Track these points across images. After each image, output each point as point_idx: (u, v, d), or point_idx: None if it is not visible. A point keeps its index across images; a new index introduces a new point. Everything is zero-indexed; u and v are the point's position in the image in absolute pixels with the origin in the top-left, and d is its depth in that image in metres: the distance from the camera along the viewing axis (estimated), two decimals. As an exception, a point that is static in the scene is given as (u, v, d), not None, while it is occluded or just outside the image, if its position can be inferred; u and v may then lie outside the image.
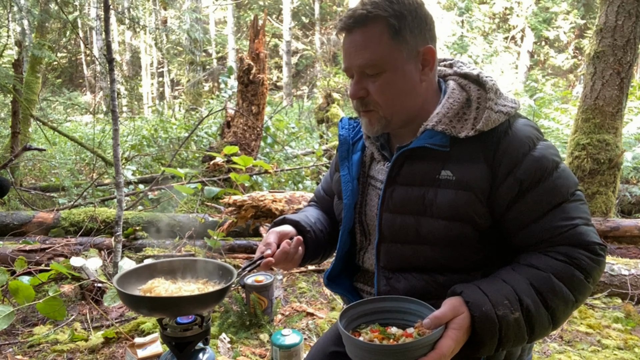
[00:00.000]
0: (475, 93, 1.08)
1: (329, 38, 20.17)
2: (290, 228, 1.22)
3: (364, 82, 1.07)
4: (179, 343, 1.08)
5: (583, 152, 4.10)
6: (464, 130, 1.03)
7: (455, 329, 0.87)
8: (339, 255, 1.24)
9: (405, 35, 1.03)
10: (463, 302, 0.91)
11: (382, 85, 1.05)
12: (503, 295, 0.91)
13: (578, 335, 2.53)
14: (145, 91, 19.20)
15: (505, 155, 1.00)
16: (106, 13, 2.92)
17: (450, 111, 1.06)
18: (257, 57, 4.86)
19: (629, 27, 3.91)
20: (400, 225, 1.08)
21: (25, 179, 6.46)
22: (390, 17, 1.02)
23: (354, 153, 1.24)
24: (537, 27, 16.22)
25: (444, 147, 1.04)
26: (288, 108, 13.35)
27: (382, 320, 0.99)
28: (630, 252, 3.59)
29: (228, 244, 3.52)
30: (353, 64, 1.06)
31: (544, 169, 1.00)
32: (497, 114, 1.02)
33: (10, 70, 5.67)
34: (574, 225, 0.98)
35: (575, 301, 0.95)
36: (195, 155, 5.72)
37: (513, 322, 0.90)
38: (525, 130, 1.04)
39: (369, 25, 1.02)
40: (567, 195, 1.00)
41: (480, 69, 1.13)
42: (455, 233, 1.03)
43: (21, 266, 2.68)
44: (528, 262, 0.99)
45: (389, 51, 1.03)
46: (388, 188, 1.10)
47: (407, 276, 1.10)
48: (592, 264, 0.96)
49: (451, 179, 1.02)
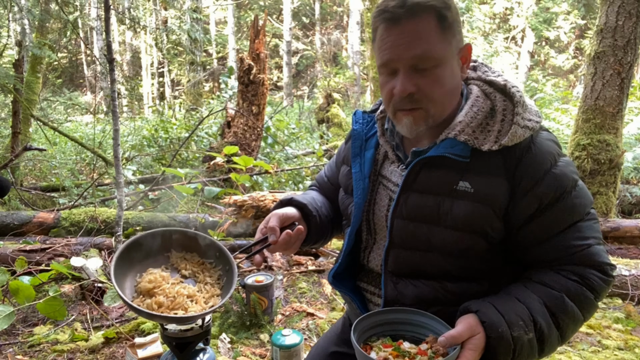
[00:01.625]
0: (500, 104, 1.03)
1: (329, 38, 20.18)
2: (294, 211, 1.20)
3: (414, 77, 0.99)
4: (179, 343, 1.08)
5: (583, 153, 4.10)
6: (487, 143, 0.99)
7: (472, 349, 0.87)
8: (344, 254, 1.21)
9: (453, 28, 1.00)
10: (479, 322, 0.90)
11: (434, 80, 0.99)
12: (518, 316, 0.91)
13: (578, 336, 2.52)
14: (146, 91, 19.20)
15: (527, 172, 0.98)
16: (107, 13, 2.92)
17: (474, 121, 1.02)
18: (257, 57, 4.86)
19: (629, 28, 3.91)
20: (412, 232, 1.06)
21: (25, 179, 6.47)
22: (442, 8, 0.97)
23: (367, 150, 1.19)
24: (537, 28, 16.21)
25: (464, 158, 1.00)
26: (288, 108, 13.35)
27: (392, 333, 0.99)
28: (630, 252, 3.59)
29: (228, 244, 3.52)
30: (403, 57, 0.98)
31: (564, 187, 0.99)
32: (523, 130, 0.99)
33: (11, 70, 5.68)
34: (588, 246, 0.98)
35: (583, 320, 0.97)
36: (195, 156, 5.72)
37: (527, 343, 0.90)
38: (547, 146, 1.01)
39: (422, 15, 0.96)
40: (583, 214, 1.00)
41: (506, 77, 1.08)
42: (467, 244, 1.01)
43: (21, 266, 2.68)
44: (541, 280, 0.98)
45: (442, 44, 0.98)
46: (403, 194, 1.06)
47: (415, 282, 1.08)
48: (602, 284, 0.97)
49: (469, 191, 1.00)
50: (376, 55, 1.05)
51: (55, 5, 6.38)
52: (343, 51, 20.61)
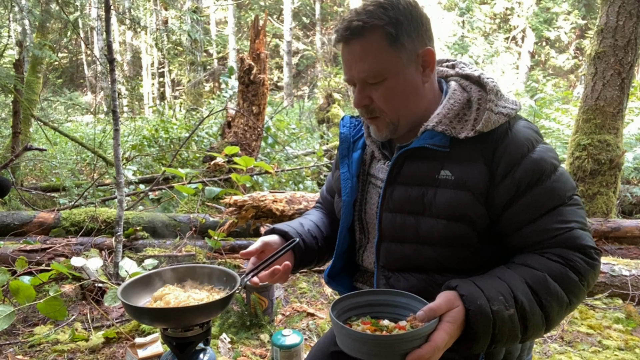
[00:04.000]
0: (476, 94, 1.09)
1: (329, 38, 20.16)
2: (276, 238, 1.20)
3: (367, 90, 1.07)
4: (179, 343, 1.08)
5: (584, 153, 4.09)
6: (464, 131, 1.04)
7: (450, 322, 0.86)
8: (338, 253, 1.24)
9: (403, 41, 1.04)
10: (458, 295, 0.90)
11: (384, 93, 1.06)
12: (498, 291, 0.91)
13: (579, 336, 2.52)
14: (146, 91, 19.21)
15: (504, 157, 1.01)
16: (107, 13, 2.92)
17: (451, 112, 1.07)
18: (257, 58, 4.86)
19: (629, 28, 3.91)
20: (400, 224, 1.09)
21: (26, 179, 6.47)
22: (387, 25, 1.02)
23: (354, 151, 1.24)
24: (537, 28, 16.20)
25: (444, 148, 1.05)
26: (289, 108, 13.35)
27: (374, 314, 0.99)
28: (631, 252, 3.59)
29: (229, 244, 3.52)
30: (354, 74, 1.07)
31: (542, 171, 1.00)
32: (497, 115, 1.03)
33: (11, 70, 5.68)
34: (570, 229, 0.98)
35: (570, 303, 0.95)
36: (196, 156, 5.72)
37: (507, 319, 0.89)
38: (524, 132, 1.04)
39: (366, 35, 1.02)
40: (564, 198, 1.01)
41: (481, 70, 1.13)
42: (454, 233, 1.03)
43: (22, 266, 2.69)
44: (523, 261, 0.99)
45: (389, 59, 1.03)
46: (388, 187, 1.11)
47: (406, 276, 1.10)
48: (587, 267, 0.97)
49: (450, 179, 1.03)
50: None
51: (55, 6, 6.38)
52: (343, 51, 20.57)
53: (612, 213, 4.13)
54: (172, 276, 1.20)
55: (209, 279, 1.21)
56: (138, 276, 1.17)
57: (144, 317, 1.06)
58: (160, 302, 1.08)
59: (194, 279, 1.22)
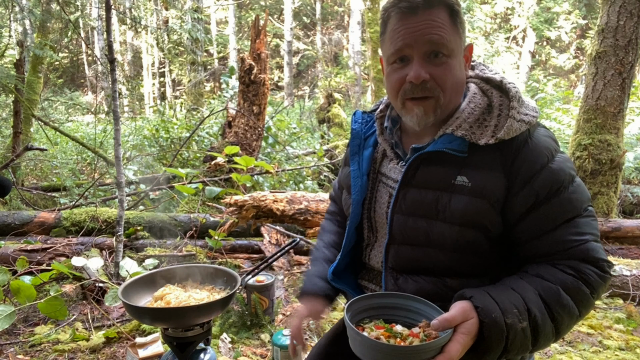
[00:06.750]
0: (497, 99, 1.06)
1: (330, 38, 20.18)
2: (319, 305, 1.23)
3: (427, 66, 1.02)
4: (180, 343, 1.08)
5: (585, 153, 4.09)
6: (484, 137, 1.01)
7: (464, 333, 0.86)
8: (345, 251, 1.22)
9: (463, 25, 1.05)
10: (472, 307, 0.90)
11: (446, 70, 1.02)
12: (512, 304, 0.91)
13: (579, 336, 2.52)
14: (147, 91, 19.21)
15: (524, 166, 0.99)
16: (108, 13, 2.92)
17: (471, 116, 1.04)
18: (258, 57, 4.86)
19: (630, 28, 3.90)
20: (411, 227, 1.07)
21: (26, 178, 6.48)
22: (454, 4, 1.02)
23: (365, 148, 1.22)
24: (538, 27, 16.19)
25: (462, 153, 1.02)
26: (289, 108, 13.34)
27: (386, 317, 0.98)
28: (631, 252, 3.59)
29: (229, 244, 3.52)
30: (419, 41, 1.00)
31: (561, 182, 0.99)
32: (519, 123, 1.00)
33: (12, 70, 5.69)
34: (585, 241, 0.98)
35: (579, 315, 0.96)
36: (196, 156, 5.72)
37: (520, 332, 0.89)
38: (544, 142, 1.02)
39: (434, 8, 1.00)
40: (580, 210, 1.00)
41: (502, 75, 1.10)
42: (466, 239, 1.02)
43: (23, 266, 2.69)
44: (537, 272, 0.98)
45: (454, 37, 1.02)
46: (402, 190, 1.08)
47: (415, 278, 1.09)
48: (599, 280, 0.97)
49: (466, 185, 1.01)
50: (387, 45, 1.06)
51: (56, 5, 6.39)
52: (344, 51, 20.60)
53: (612, 213, 4.13)
54: (172, 276, 1.21)
55: (210, 278, 1.21)
56: (139, 276, 1.17)
57: (145, 317, 1.06)
58: (161, 302, 1.08)
59: (195, 279, 1.22)
